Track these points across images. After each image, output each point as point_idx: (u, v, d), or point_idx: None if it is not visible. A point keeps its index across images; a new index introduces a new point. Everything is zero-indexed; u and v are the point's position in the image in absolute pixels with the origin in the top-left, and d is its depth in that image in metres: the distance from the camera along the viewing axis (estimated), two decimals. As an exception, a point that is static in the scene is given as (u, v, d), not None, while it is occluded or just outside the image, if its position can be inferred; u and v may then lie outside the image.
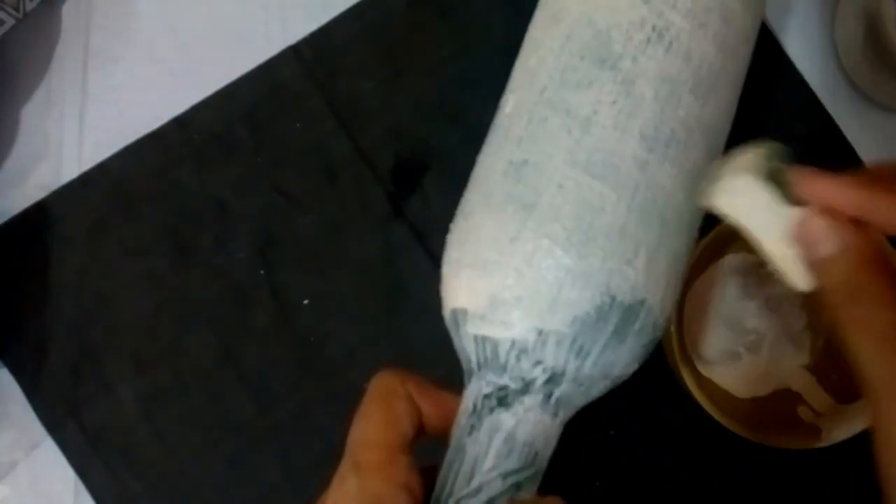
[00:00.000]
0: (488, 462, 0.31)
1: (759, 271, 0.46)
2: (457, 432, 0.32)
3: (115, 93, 0.51)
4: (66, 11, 0.51)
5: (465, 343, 0.33)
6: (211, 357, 0.48)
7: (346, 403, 0.48)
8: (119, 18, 0.51)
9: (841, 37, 0.50)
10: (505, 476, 0.31)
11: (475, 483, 0.31)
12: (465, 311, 0.33)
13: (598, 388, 0.33)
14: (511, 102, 0.36)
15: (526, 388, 0.32)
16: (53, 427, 0.48)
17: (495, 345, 0.32)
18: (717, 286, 0.46)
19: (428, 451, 0.32)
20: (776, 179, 0.30)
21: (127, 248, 0.49)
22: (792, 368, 0.46)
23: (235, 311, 0.49)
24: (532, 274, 0.32)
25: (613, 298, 0.32)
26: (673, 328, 0.44)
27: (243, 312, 0.49)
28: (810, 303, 0.46)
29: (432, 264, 0.49)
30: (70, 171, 0.50)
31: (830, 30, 0.51)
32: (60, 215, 0.49)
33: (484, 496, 0.30)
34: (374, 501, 0.29)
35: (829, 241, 0.28)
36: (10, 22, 0.47)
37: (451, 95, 0.50)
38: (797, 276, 0.30)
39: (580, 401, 0.33)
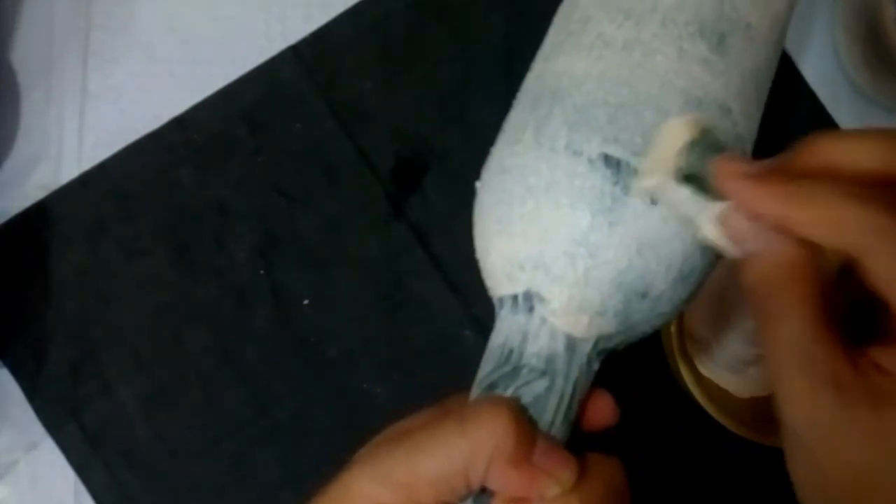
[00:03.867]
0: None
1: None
2: None
3: (115, 93, 0.51)
4: (66, 11, 0.51)
5: None
6: (211, 357, 0.48)
7: (347, 403, 0.48)
8: (119, 18, 0.51)
9: (841, 37, 0.50)
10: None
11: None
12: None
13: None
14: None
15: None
16: (53, 427, 0.48)
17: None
18: (732, 292, 0.45)
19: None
20: (698, 170, 0.30)
21: (127, 248, 0.49)
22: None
23: (235, 311, 0.49)
24: None
25: None
26: (673, 328, 0.44)
27: (243, 312, 0.49)
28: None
29: (432, 264, 0.49)
30: (70, 171, 0.50)
31: (830, 30, 0.51)
32: (60, 215, 0.49)
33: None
34: None
35: (747, 241, 0.28)
36: None
37: (451, 95, 0.50)
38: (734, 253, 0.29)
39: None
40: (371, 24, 0.51)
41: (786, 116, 0.49)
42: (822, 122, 0.49)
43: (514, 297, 0.33)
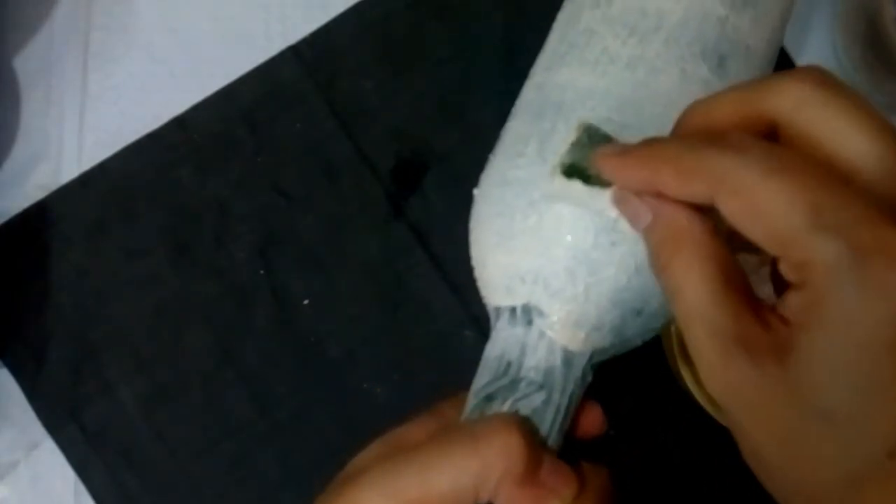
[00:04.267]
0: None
1: (759, 271, 0.46)
2: None
3: (115, 93, 0.51)
4: (66, 11, 0.51)
5: None
6: (211, 357, 0.48)
7: (347, 403, 0.48)
8: (119, 18, 0.51)
9: (841, 37, 0.50)
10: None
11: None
12: None
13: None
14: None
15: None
16: (53, 427, 0.48)
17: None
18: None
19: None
20: (587, 165, 0.30)
21: (127, 248, 0.49)
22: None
23: (235, 311, 0.49)
24: None
25: None
26: (673, 328, 0.44)
27: (243, 312, 0.49)
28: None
29: (432, 264, 0.49)
30: (70, 171, 0.50)
31: (830, 30, 0.51)
32: (60, 215, 0.49)
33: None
34: None
35: (638, 217, 0.28)
36: None
37: (451, 95, 0.50)
38: None
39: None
40: (371, 24, 0.51)
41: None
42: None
43: (513, 310, 0.33)
